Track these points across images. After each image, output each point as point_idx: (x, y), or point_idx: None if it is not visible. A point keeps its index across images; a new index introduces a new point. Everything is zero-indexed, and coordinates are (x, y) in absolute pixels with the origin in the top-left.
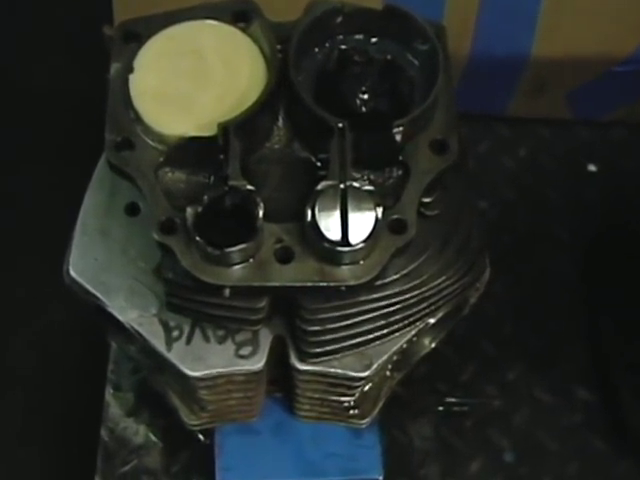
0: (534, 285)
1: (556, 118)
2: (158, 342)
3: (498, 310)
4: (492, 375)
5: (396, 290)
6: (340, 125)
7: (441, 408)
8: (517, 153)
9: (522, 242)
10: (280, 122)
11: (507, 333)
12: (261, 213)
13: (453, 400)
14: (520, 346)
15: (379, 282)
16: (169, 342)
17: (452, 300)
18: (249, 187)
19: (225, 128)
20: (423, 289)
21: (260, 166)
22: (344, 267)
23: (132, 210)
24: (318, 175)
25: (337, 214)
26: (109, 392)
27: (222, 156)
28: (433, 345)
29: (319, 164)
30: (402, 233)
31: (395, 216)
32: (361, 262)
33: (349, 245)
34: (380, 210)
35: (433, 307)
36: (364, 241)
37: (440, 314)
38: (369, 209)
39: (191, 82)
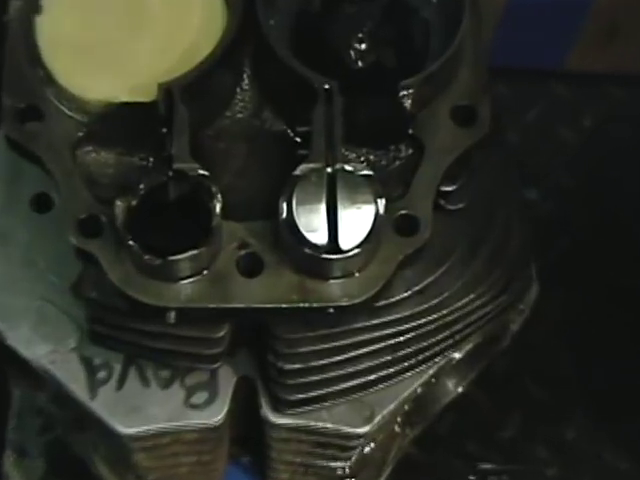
0: (600, 306)
1: (632, 74)
2: (78, 387)
3: (550, 341)
4: (543, 431)
5: (406, 313)
6: (327, 87)
7: (473, 478)
8: (579, 122)
9: (585, 247)
10: (245, 83)
11: (563, 372)
12: (218, 208)
13: (489, 467)
14: (581, 390)
15: (382, 302)
16: (93, 387)
17: (485, 327)
18: (202, 172)
19: (168, 91)
20: (444, 312)
21: (217, 143)
22: (333, 282)
23: (40, 204)
24: (297, 155)
25: (322, 209)
26: (10, 459)
27: (164, 129)
28: (460, 389)
29: (298, 140)
30: (413, 234)
31: (403, 211)
32: (356, 274)
33: (339, 251)
34: (382, 203)
35: (458, 337)
36: (360, 245)
37: (469, 346)
38: (367, 202)
39: (122, 28)
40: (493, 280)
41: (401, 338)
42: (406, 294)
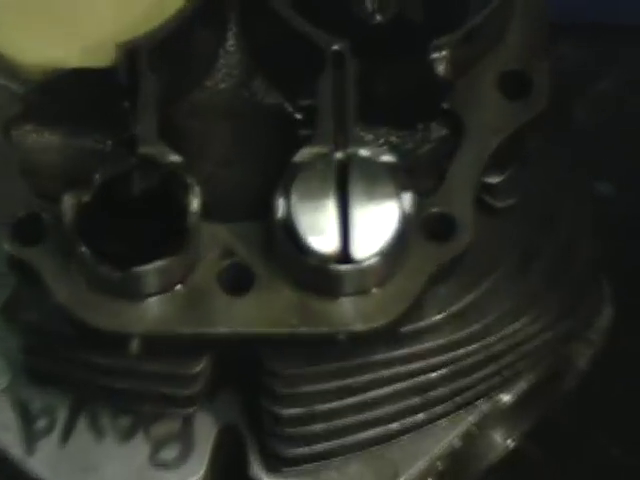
0: None
1: None
2: (10, 440)
3: (629, 381)
4: None
5: (440, 342)
6: (336, 48)
7: None
8: None
9: None
10: (230, 44)
11: None
12: (196, 205)
13: None
14: None
15: (408, 328)
16: (30, 440)
17: (542, 362)
18: (174, 158)
19: (131, 53)
20: (489, 341)
21: (195, 122)
22: (344, 301)
23: None
24: (297, 136)
25: (331, 206)
26: None
27: (126, 103)
28: (510, 443)
29: (299, 117)
30: (448, 239)
31: (436, 209)
32: (374, 291)
33: (352, 261)
34: (408, 199)
35: (507, 374)
36: (379, 254)
37: (521, 387)
38: (388, 197)
39: None
40: (553, 301)
41: (433, 375)
42: (440, 317)
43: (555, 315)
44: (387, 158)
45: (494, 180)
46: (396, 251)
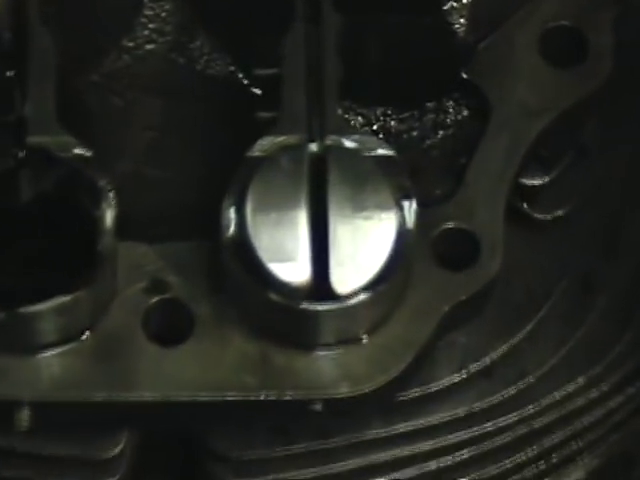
0: None
1: None
2: None
3: None
4: None
5: (459, 412)
6: None
7: None
8: None
9: None
10: None
11: None
12: (110, 218)
13: None
14: None
15: (414, 392)
16: None
17: (607, 439)
18: (79, 150)
19: (17, 4)
20: (529, 409)
21: (109, 98)
22: (322, 354)
23: None
24: (255, 120)
25: (301, 220)
26: None
27: (9, 72)
28: None
29: (257, 92)
30: (470, 266)
31: (451, 224)
32: (364, 340)
33: (332, 297)
34: (413, 209)
35: (556, 458)
36: (371, 287)
37: (578, 475)
38: (383, 205)
39: None
40: (619, 352)
41: (449, 460)
42: (458, 377)
43: (622, 375)
44: (382, 151)
45: (536, 182)
46: (394, 283)
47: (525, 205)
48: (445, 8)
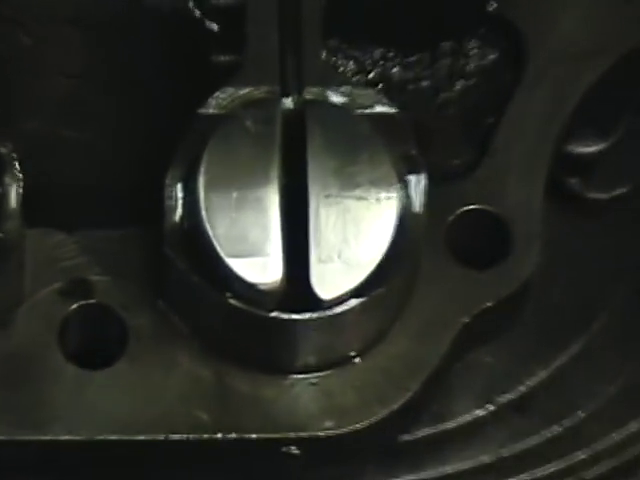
0: None
1: None
2: None
3: None
4: None
5: (484, 459)
6: None
7: None
8: None
9: None
10: None
11: None
12: (15, 197)
13: None
14: None
15: (421, 433)
16: None
17: None
18: None
19: None
20: (574, 457)
21: (14, 35)
22: (300, 380)
23: None
24: (210, 65)
25: (272, 201)
26: None
27: None
28: None
29: (213, 27)
30: (497, 263)
31: (474, 205)
32: (355, 361)
33: (313, 305)
34: (421, 185)
35: None
36: (363, 291)
37: None
38: (381, 180)
39: None
40: None
41: None
42: (483, 412)
43: None
44: (381, 108)
45: (588, 150)
46: (395, 286)
47: (574, 181)
48: None
